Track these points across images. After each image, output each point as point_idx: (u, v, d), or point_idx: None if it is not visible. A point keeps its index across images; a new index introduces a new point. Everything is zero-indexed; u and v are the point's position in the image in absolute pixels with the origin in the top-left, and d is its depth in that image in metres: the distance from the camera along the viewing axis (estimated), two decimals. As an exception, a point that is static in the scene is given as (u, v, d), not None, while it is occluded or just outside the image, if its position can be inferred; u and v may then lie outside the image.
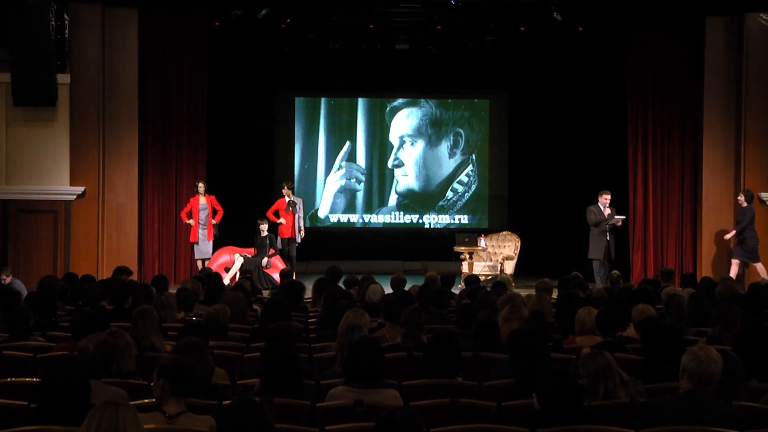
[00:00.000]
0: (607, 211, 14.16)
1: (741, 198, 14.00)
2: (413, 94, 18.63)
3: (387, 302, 7.37)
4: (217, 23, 15.63)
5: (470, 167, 18.68)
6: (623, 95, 15.38)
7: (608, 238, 14.09)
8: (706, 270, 13.98)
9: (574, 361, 6.31)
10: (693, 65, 14.88)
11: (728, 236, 14.09)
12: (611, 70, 16.18)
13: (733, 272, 13.77)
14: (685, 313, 7.51)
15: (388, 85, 18.39)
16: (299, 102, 18.68)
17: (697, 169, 14.90)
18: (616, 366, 4.92)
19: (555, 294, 9.49)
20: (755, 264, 13.80)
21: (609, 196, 14.23)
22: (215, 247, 14.95)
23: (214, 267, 13.99)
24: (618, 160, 15.66)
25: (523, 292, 9.13)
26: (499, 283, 9.83)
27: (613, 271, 11.43)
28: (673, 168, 15.09)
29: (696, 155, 14.94)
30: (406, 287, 9.60)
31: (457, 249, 14.98)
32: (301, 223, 15.34)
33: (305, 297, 9.56)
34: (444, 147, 18.66)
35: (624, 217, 14.36)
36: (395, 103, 18.68)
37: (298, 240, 15.24)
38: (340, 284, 9.91)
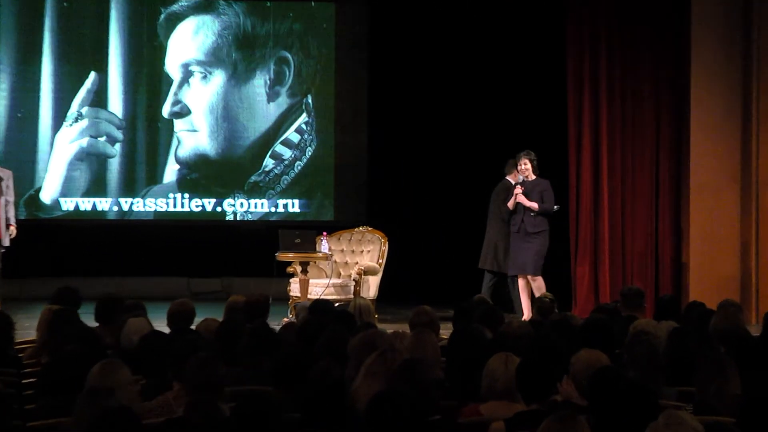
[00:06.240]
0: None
1: (527, 165, 14.40)
2: (207, -10, 18.63)
3: (163, 349, 7.29)
4: None
5: (304, 117, 18.71)
6: (561, 10, 15.64)
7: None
8: (695, 290, 14.34)
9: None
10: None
11: None
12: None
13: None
14: (661, 362, 7.68)
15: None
16: None
17: (681, 127, 15.30)
18: None
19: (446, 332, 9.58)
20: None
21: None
22: None
23: None
24: (552, 116, 15.95)
25: (391, 329, 9.17)
26: (346, 314, 9.80)
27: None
28: (641, 126, 15.48)
29: (678, 105, 15.36)
30: (194, 324, 9.54)
31: (282, 257, 14.94)
32: (12, 213, 15.11)
33: (19, 340, 9.40)
34: (259, 83, 18.65)
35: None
36: (174, 7, 18.54)
37: (6, 242, 15.01)
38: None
